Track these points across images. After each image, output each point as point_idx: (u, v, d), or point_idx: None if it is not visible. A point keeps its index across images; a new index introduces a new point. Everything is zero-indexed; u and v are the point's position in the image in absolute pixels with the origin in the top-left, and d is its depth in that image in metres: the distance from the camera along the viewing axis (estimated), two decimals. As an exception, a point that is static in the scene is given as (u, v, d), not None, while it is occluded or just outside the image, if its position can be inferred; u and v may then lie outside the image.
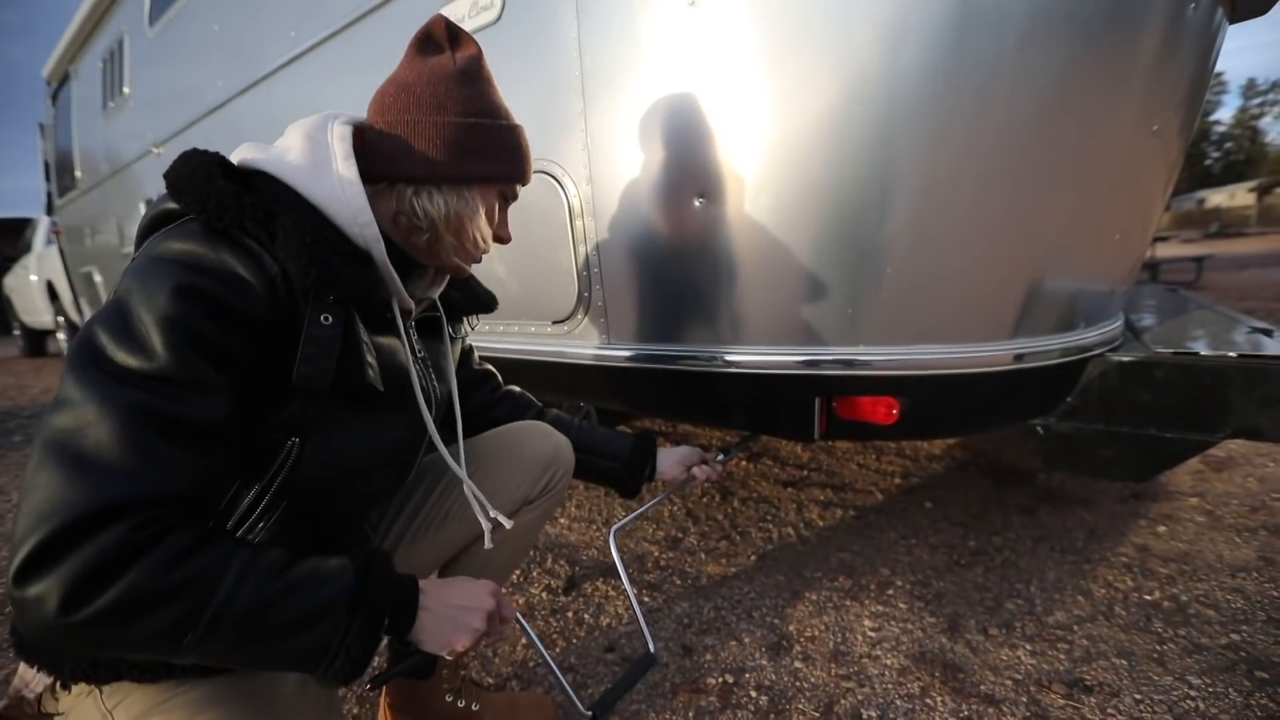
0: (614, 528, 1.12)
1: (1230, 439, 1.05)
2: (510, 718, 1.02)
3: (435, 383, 0.83)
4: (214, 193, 0.57)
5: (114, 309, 0.55)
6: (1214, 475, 1.86)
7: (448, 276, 0.82)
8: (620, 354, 1.20)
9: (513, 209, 1.37)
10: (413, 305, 0.75)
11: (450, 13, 1.34)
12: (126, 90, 2.97)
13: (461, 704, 0.99)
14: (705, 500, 1.87)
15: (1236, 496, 1.71)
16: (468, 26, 1.30)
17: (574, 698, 0.91)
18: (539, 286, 1.31)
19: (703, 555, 1.56)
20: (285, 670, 0.61)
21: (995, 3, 0.88)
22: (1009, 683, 1.06)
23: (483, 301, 0.92)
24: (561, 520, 1.81)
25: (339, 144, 0.66)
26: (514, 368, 1.44)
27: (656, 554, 1.57)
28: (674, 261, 1.09)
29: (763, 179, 0.99)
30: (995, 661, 1.11)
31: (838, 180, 0.96)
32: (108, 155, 3.36)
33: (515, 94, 1.24)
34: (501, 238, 0.80)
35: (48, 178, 4.60)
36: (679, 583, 1.44)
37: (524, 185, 0.80)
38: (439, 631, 0.63)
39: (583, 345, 1.26)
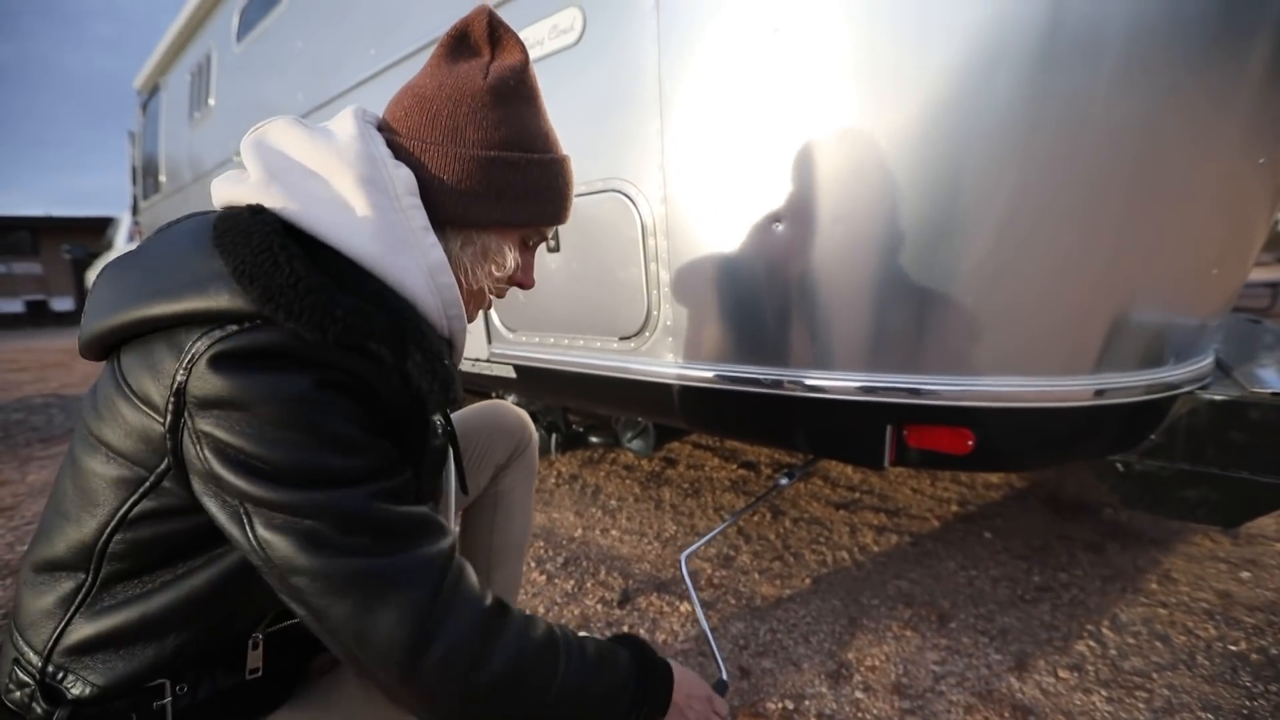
0: (685, 554, 1.13)
1: (1334, 487, 1.00)
2: None
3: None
4: (343, 318, 0.49)
5: (262, 437, 0.48)
6: (1302, 520, 1.75)
7: None
8: (687, 373, 1.21)
9: (582, 224, 1.40)
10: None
11: (529, 36, 1.39)
12: (212, 102, 3.15)
13: None
14: (757, 519, 1.86)
15: (1328, 544, 1.61)
16: (547, 49, 1.35)
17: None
18: (607, 302, 1.33)
19: (756, 575, 1.55)
20: None
21: (1090, 29, 0.86)
22: (1084, 729, 1.02)
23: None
24: (613, 532, 1.83)
25: (409, 200, 0.56)
26: (576, 382, 1.47)
27: (709, 571, 1.57)
28: (748, 283, 1.10)
29: (842, 205, 0.99)
30: (1069, 706, 1.07)
31: (919, 207, 0.95)
32: (191, 163, 3.56)
33: (592, 113, 1.29)
34: (522, 284, 0.70)
35: (134, 181, 4.91)
36: (733, 602, 1.43)
37: (560, 224, 0.70)
38: None
39: (649, 363, 1.28)
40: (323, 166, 0.55)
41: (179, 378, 0.49)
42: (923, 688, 1.13)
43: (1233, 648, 1.21)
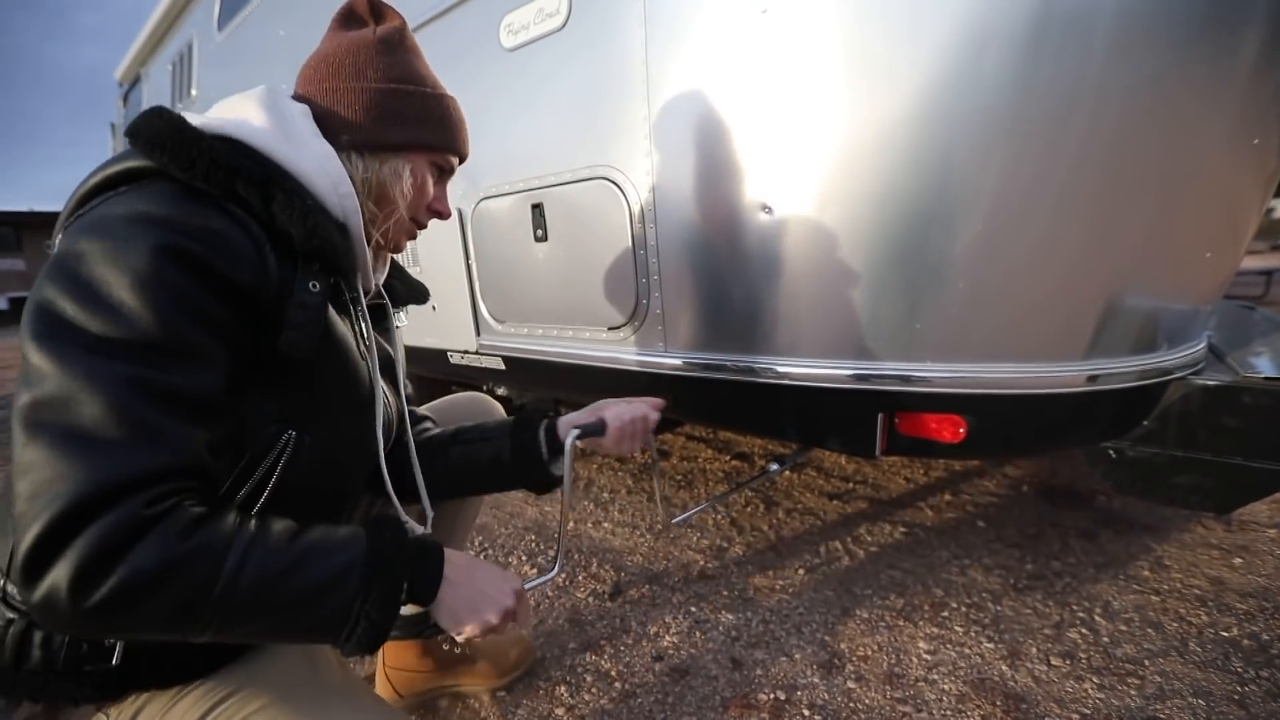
0: (675, 519, 1.15)
1: (1326, 471, 0.99)
2: (495, 651, 1.13)
3: (380, 378, 0.77)
4: (205, 150, 0.54)
5: (69, 273, 0.49)
6: (1293, 505, 1.75)
7: (389, 262, 0.81)
8: (678, 362, 1.19)
9: (570, 212, 1.38)
10: (373, 286, 0.75)
11: (515, 20, 1.36)
12: (194, 92, 3.09)
13: (446, 646, 1.11)
14: (749, 510, 1.85)
15: (1319, 529, 1.61)
16: (533, 33, 1.32)
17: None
18: (595, 291, 1.31)
19: (749, 567, 1.54)
20: (307, 641, 0.60)
21: (1081, 9, 0.85)
22: (1076, 717, 1.02)
23: (419, 292, 0.90)
24: (605, 525, 1.82)
25: (304, 120, 0.65)
26: (566, 373, 1.45)
27: (702, 563, 1.56)
28: (737, 271, 1.08)
29: (832, 189, 0.97)
30: (1060, 693, 1.07)
31: (910, 191, 0.94)
32: (174, 154, 3.51)
33: (578, 99, 1.26)
34: (438, 212, 0.77)
35: (117, 174, 4.83)
36: (725, 594, 1.42)
37: (460, 158, 0.78)
38: (455, 609, 0.61)
39: (638, 352, 1.26)
40: (234, 105, 0.65)
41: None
42: (915, 677, 1.13)
43: (1225, 634, 1.21)
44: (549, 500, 2.02)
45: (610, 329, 1.31)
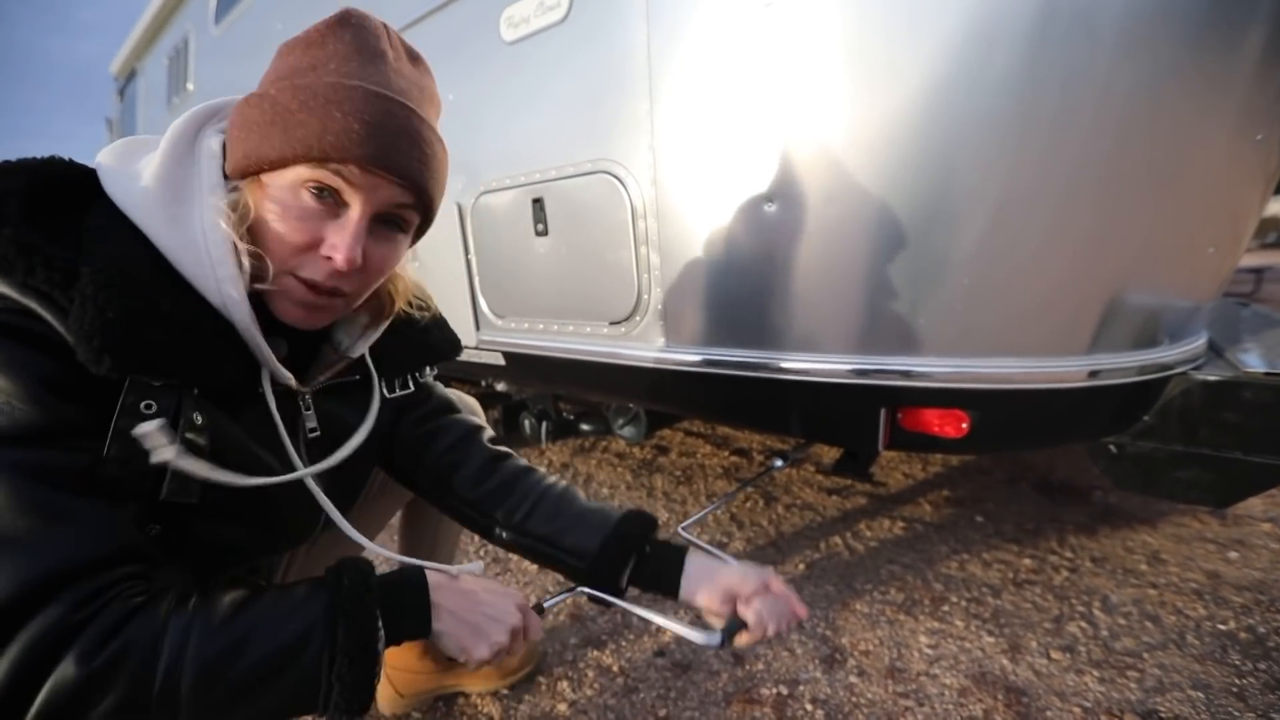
0: (681, 526, 1.11)
1: (1325, 466, 1.00)
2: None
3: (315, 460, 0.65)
4: None
5: None
6: (1288, 500, 1.76)
7: (382, 325, 0.68)
8: (680, 358, 1.19)
9: (571, 207, 1.37)
10: (291, 380, 0.60)
11: (515, 13, 1.35)
12: (191, 86, 3.07)
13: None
14: (749, 506, 1.85)
15: (1314, 524, 1.62)
16: (533, 26, 1.31)
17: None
18: (597, 286, 1.31)
19: (749, 562, 1.54)
20: (292, 715, 0.53)
21: (1087, 7, 0.85)
22: (1077, 710, 1.02)
23: (435, 350, 0.78)
24: (605, 520, 1.82)
25: (208, 161, 0.55)
26: (568, 368, 1.45)
27: (702, 558, 1.56)
28: (740, 266, 1.08)
29: (835, 185, 0.97)
30: (1061, 687, 1.08)
31: (914, 187, 0.94)
32: (169, 149, 3.48)
33: (579, 93, 1.25)
34: (330, 257, 0.54)
35: (111, 169, 4.80)
36: (726, 589, 1.42)
37: (363, 166, 0.53)
38: (459, 637, 0.58)
39: (640, 347, 1.26)
40: (160, 142, 0.56)
41: None
42: (916, 671, 1.13)
43: (1222, 626, 1.22)
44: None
45: (611, 324, 1.30)
